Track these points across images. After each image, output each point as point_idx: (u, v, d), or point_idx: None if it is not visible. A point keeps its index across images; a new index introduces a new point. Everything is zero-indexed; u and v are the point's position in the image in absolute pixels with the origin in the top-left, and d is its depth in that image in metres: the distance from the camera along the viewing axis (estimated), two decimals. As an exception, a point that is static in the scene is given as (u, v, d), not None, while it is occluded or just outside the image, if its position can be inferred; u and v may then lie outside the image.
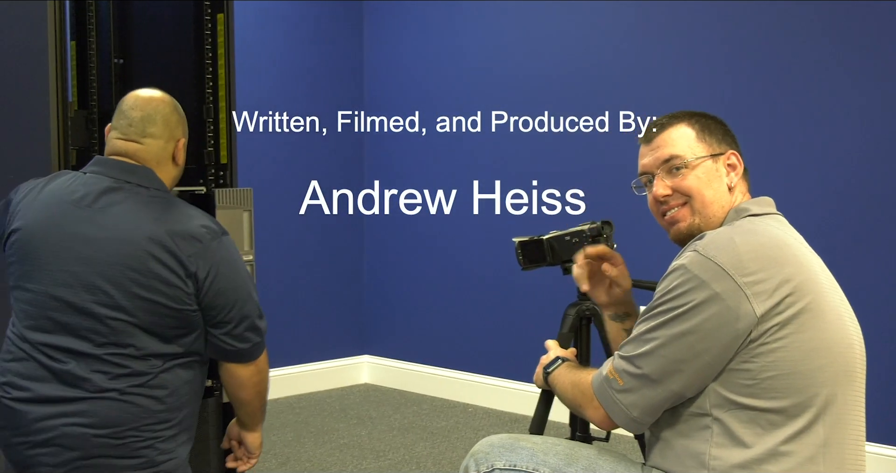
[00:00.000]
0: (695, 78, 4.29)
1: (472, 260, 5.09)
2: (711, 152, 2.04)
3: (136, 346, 2.34)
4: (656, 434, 1.96)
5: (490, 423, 4.70)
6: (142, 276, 2.31)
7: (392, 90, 5.46)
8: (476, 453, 2.11)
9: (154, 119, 2.51)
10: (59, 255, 2.36)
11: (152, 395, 2.34)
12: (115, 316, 2.32)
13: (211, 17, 3.37)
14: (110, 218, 2.37)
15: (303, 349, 5.38)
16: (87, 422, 2.31)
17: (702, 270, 1.82)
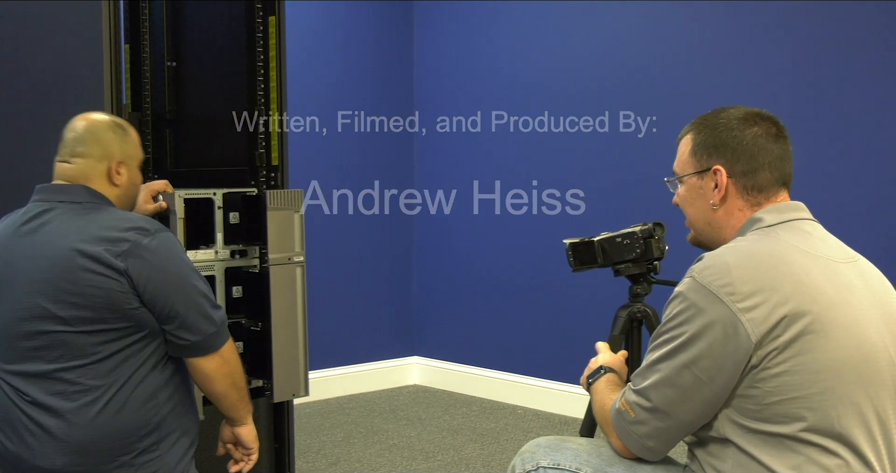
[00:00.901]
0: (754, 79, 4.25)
1: (523, 261, 5.07)
2: (697, 168, 2.00)
3: (86, 354, 2.31)
4: (690, 449, 1.95)
5: (539, 425, 4.68)
6: (75, 286, 2.29)
7: (442, 91, 5.46)
8: (523, 453, 2.13)
9: (85, 139, 2.49)
10: (6, 285, 2.38)
11: (116, 409, 2.31)
12: (57, 329, 2.31)
13: (262, 19, 3.39)
14: (40, 237, 2.37)
15: (353, 350, 5.39)
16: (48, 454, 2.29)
17: (698, 297, 1.80)
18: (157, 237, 2.37)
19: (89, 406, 2.30)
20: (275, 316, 3.22)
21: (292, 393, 3.31)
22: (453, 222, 5.43)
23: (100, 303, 2.30)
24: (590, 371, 2.26)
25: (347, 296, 5.36)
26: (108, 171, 2.49)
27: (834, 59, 3.98)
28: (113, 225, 2.35)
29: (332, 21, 5.28)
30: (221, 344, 2.43)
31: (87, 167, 2.47)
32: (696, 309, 1.80)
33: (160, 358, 2.41)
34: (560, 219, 4.84)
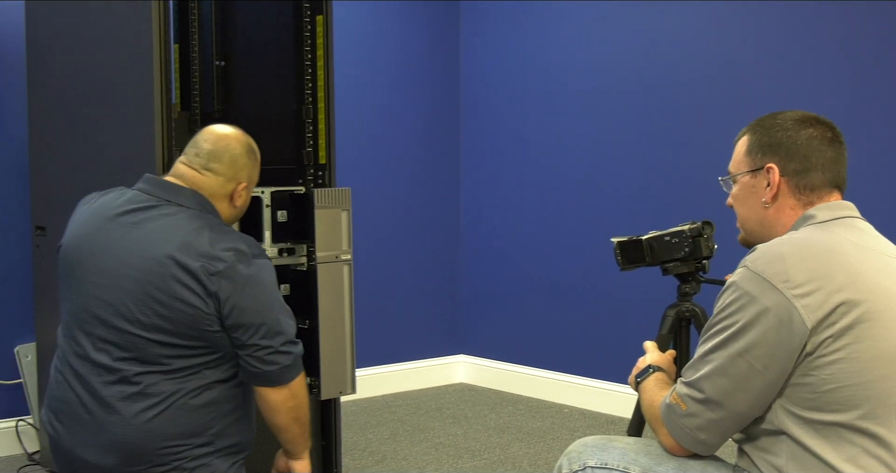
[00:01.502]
0: (805, 84, 4.20)
1: (570, 259, 5.06)
2: (751, 167, 2.02)
3: (153, 362, 2.34)
4: (740, 446, 1.94)
5: (586, 424, 4.67)
6: (162, 295, 2.31)
7: (489, 91, 5.46)
8: (570, 452, 2.13)
9: (221, 156, 2.51)
10: (90, 269, 2.40)
11: (165, 418, 2.33)
12: (132, 331, 2.33)
13: (310, 18, 3.41)
14: (141, 233, 2.38)
15: (399, 348, 5.40)
16: (100, 450, 2.33)
17: (751, 286, 1.80)
18: (254, 264, 2.39)
19: (148, 410, 2.31)
20: (322, 314, 3.24)
21: (339, 391, 3.33)
22: (500, 221, 5.42)
23: (181, 318, 2.31)
24: (638, 370, 2.25)
25: (394, 295, 5.37)
26: (232, 192, 2.53)
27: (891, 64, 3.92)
28: (215, 241, 2.36)
29: (379, 22, 5.29)
30: (292, 379, 2.44)
31: (216, 184, 2.50)
32: (750, 297, 1.80)
33: (230, 377, 2.43)
34: (607, 218, 4.82)
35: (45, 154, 3.83)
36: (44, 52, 3.80)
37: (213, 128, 2.59)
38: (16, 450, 4.13)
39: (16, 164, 4.14)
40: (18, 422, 4.15)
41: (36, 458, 4.03)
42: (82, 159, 3.60)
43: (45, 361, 3.89)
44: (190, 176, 2.49)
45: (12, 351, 4.15)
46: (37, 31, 3.83)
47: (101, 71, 3.46)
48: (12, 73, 4.14)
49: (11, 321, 4.17)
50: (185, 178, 2.49)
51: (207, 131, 2.57)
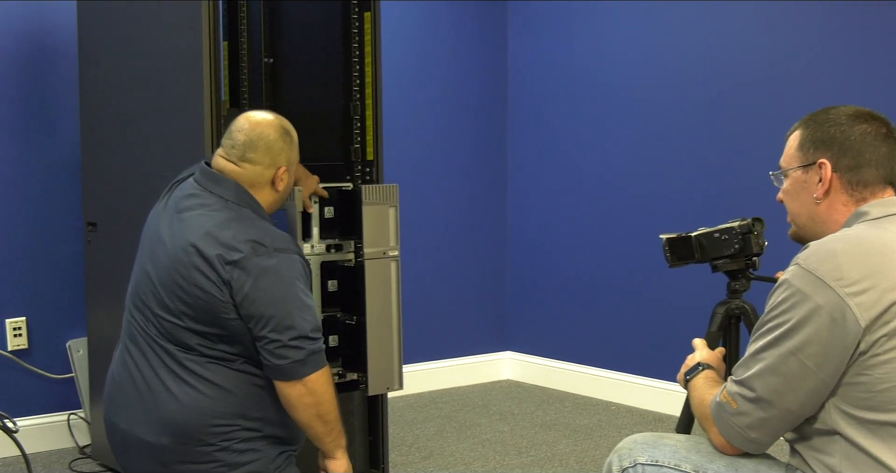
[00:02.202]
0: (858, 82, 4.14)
1: (617, 256, 5.03)
2: (803, 162, 1.99)
3: (190, 347, 2.39)
4: (792, 445, 1.92)
5: (633, 422, 4.64)
6: (184, 281, 2.37)
7: (536, 89, 5.44)
8: (620, 449, 2.12)
9: (256, 145, 2.53)
10: (146, 256, 2.50)
11: (212, 396, 2.37)
12: (166, 317, 2.41)
13: (358, 15, 3.42)
14: (180, 223, 2.45)
15: (445, 344, 5.40)
16: (157, 429, 2.38)
17: (804, 283, 1.78)
18: (273, 256, 2.39)
19: (194, 391, 2.35)
20: (369, 310, 3.25)
21: (386, 387, 3.33)
22: (547, 217, 5.40)
23: (200, 305, 2.35)
24: (687, 367, 2.23)
25: (441, 291, 5.37)
26: (273, 178, 2.55)
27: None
28: (238, 232, 2.39)
29: (426, 21, 5.28)
30: (305, 374, 2.41)
31: (255, 174, 2.53)
32: (802, 295, 1.78)
33: (253, 361, 2.45)
34: (655, 214, 4.79)
35: (96, 151, 3.88)
36: (95, 51, 3.84)
37: (247, 116, 2.61)
38: (68, 444, 4.19)
39: (68, 162, 4.19)
40: (70, 416, 4.21)
41: (87, 452, 4.09)
42: (132, 156, 3.64)
43: (96, 356, 3.94)
44: (229, 169, 2.52)
45: (64, 346, 4.21)
46: (88, 30, 3.88)
47: (152, 69, 3.50)
48: (65, 71, 4.19)
49: (63, 316, 4.22)
50: (225, 171, 2.52)
51: (241, 120, 2.59)
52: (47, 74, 4.20)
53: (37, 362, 4.18)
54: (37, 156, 4.17)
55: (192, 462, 2.36)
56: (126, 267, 3.65)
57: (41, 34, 4.18)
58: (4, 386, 4.03)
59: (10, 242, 4.10)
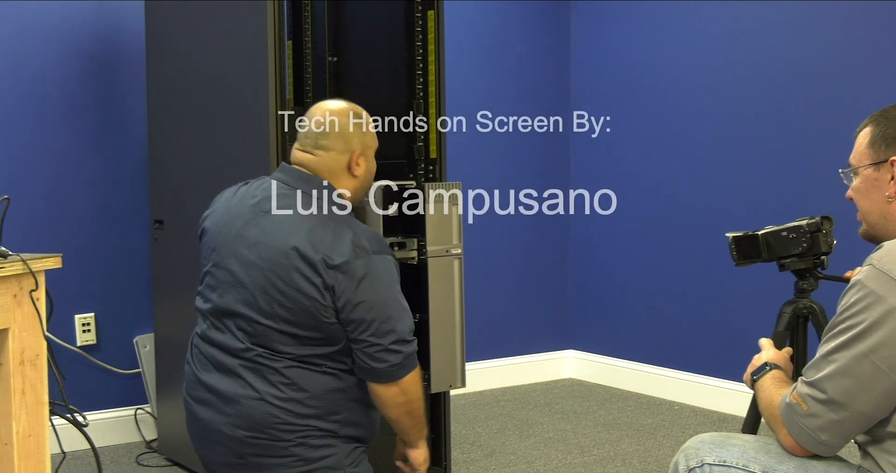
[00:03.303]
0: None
1: (681, 254, 4.98)
2: (874, 160, 1.96)
3: (276, 350, 2.39)
4: (864, 448, 1.89)
5: (698, 422, 4.60)
6: (284, 285, 2.36)
7: (599, 90, 5.41)
8: (686, 449, 2.10)
9: (328, 131, 2.53)
10: (226, 255, 2.47)
11: (292, 398, 2.37)
12: (256, 318, 2.40)
13: (422, 14, 3.43)
14: (270, 223, 2.43)
15: (508, 342, 5.40)
16: (235, 423, 2.40)
17: (878, 285, 1.75)
18: (373, 260, 2.39)
19: (278, 391, 2.37)
20: (433, 308, 3.25)
21: (449, 384, 3.34)
22: (611, 216, 5.37)
23: (300, 308, 2.36)
24: (754, 367, 2.20)
25: (503, 289, 5.36)
26: (348, 164, 2.55)
27: None
28: (338, 235, 2.39)
29: (489, 20, 5.28)
30: (401, 377, 2.43)
31: (330, 160, 2.52)
32: (876, 296, 1.75)
33: (343, 365, 2.46)
34: (720, 213, 4.74)
35: (163, 150, 3.93)
36: (162, 50, 3.90)
37: (318, 106, 2.62)
38: (135, 438, 4.26)
39: (136, 160, 4.26)
40: (137, 411, 4.27)
41: (154, 446, 4.15)
42: (199, 155, 3.68)
43: (162, 351, 4.00)
44: (307, 160, 2.53)
45: (132, 342, 4.27)
46: (156, 30, 3.93)
47: (218, 68, 3.54)
48: (133, 71, 4.25)
49: (131, 312, 4.29)
50: (304, 164, 2.53)
51: (312, 110, 2.60)
52: (116, 74, 4.27)
53: (105, 357, 4.25)
54: (106, 155, 4.24)
55: (269, 455, 2.38)
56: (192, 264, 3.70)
57: (110, 34, 4.24)
58: (74, 380, 4.11)
59: (80, 239, 4.18)
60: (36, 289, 2.30)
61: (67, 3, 4.13)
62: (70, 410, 2.55)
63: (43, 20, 4.09)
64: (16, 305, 2.27)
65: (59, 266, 2.36)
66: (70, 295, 4.07)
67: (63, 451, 2.82)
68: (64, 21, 4.13)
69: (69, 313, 4.14)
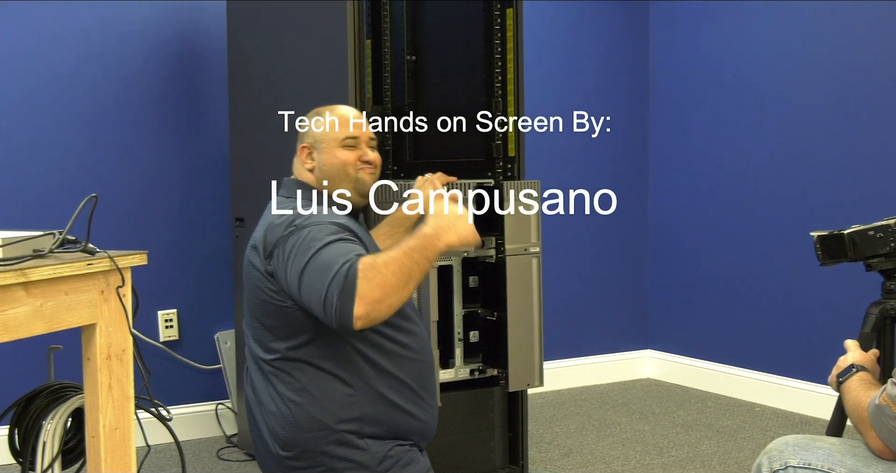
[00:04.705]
0: None
1: (763, 253, 4.91)
2: None
3: (270, 349, 2.39)
4: None
5: (779, 424, 4.52)
6: (248, 277, 2.43)
7: (678, 87, 5.35)
8: (770, 451, 2.07)
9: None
10: None
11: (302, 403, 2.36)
12: (248, 320, 2.46)
13: (500, 12, 3.42)
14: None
15: (586, 342, 5.37)
16: (263, 436, 2.44)
17: None
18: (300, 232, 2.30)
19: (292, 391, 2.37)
20: (511, 307, 3.25)
21: (527, 383, 3.33)
22: (689, 214, 5.31)
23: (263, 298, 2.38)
24: (839, 369, 2.16)
25: (582, 288, 5.34)
26: (303, 161, 2.63)
27: None
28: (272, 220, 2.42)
29: (567, 20, 5.25)
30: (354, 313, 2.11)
31: (295, 160, 2.66)
32: None
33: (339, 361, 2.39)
34: (802, 211, 4.66)
35: (243, 148, 3.98)
36: (243, 49, 3.94)
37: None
38: (215, 432, 4.32)
39: (217, 159, 4.32)
40: (218, 406, 4.33)
41: (234, 440, 4.20)
42: (279, 153, 3.71)
43: (242, 348, 4.04)
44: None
45: (213, 338, 4.34)
46: (237, 29, 3.98)
47: (298, 67, 3.57)
48: (215, 70, 4.31)
49: (212, 309, 4.35)
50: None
51: None
52: (198, 73, 4.34)
53: (187, 353, 4.32)
54: (188, 153, 4.31)
55: (301, 467, 2.40)
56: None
57: (193, 34, 4.31)
58: (157, 375, 4.17)
59: (163, 237, 4.25)
60: (122, 286, 2.34)
61: (151, 4, 4.20)
62: (155, 404, 2.59)
63: (128, 20, 4.17)
64: (103, 301, 2.31)
65: (144, 263, 2.40)
66: (153, 292, 4.14)
67: (148, 445, 2.86)
68: (148, 21, 4.21)
69: (152, 309, 4.22)
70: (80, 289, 2.25)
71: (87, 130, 4.12)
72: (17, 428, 2.61)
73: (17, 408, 2.63)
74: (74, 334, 2.34)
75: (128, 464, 2.40)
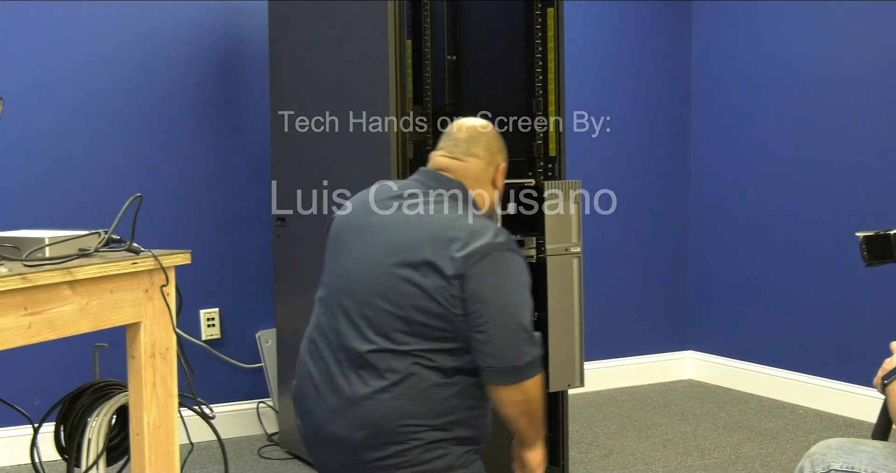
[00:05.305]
0: None
1: (807, 253, 4.86)
2: None
3: (400, 344, 2.36)
4: None
5: (822, 426, 4.48)
6: (414, 273, 2.34)
7: (720, 87, 5.31)
8: (812, 454, 2.04)
9: (478, 141, 2.59)
10: (350, 247, 2.48)
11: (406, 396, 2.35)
12: (384, 308, 2.37)
13: (541, 11, 3.42)
14: (403, 218, 2.44)
15: (627, 342, 5.35)
16: (347, 424, 2.38)
17: None
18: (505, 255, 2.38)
19: (391, 388, 2.36)
20: (551, 307, 3.24)
21: (567, 384, 3.33)
22: (732, 214, 5.28)
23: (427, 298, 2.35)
24: (885, 371, 2.13)
25: (623, 288, 5.31)
26: (493, 176, 2.61)
27: None
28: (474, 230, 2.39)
29: (609, 19, 5.23)
30: (522, 379, 2.38)
31: (478, 168, 2.58)
32: None
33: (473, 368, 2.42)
34: (846, 212, 4.61)
35: (285, 148, 4.00)
36: (285, 49, 3.97)
37: (462, 121, 2.67)
38: (257, 431, 4.35)
39: (259, 159, 4.34)
40: (259, 404, 4.36)
41: (275, 439, 4.23)
42: (319, 153, 3.74)
43: (284, 346, 4.07)
44: (456, 166, 2.56)
45: (254, 337, 4.36)
46: (278, 30, 4.00)
47: (339, 67, 3.58)
48: (256, 71, 4.34)
49: (254, 308, 4.38)
50: (449, 168, 2.56)
51: (457, 124, 2.66)
52: (240, 74, 4.37)
53: (228, 351, 4.35)
54: (230, 153, 4.34)
55: (381, 457, 2.39)
56: (313, 261, 3.76)
57: (234, 34, 4.34)
58: (199, 373, 4.21)
59: (205, 236, 4.28)
60: (166, 285, 2.36)
61: (193, 4, 4.24)
62: (198, 402, 2.61)
63: (170, 21, 4.21)
64: (147, 300, 2.33)
65: (188, 262, 2.42)
66: (195, 291, 4.17)
67: (191, 442, 2.89)
68: (190, 22, 4.24)
69: (195, 308, 4.25)
70: (126, 288, 2.27)
71: (131, 132, 4.16)
72: (63, 425, 2.65)
73: (64, 405, 2.66)
74: (119, 332, 2.36)
75: (171, 462, 2.42)
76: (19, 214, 3.90)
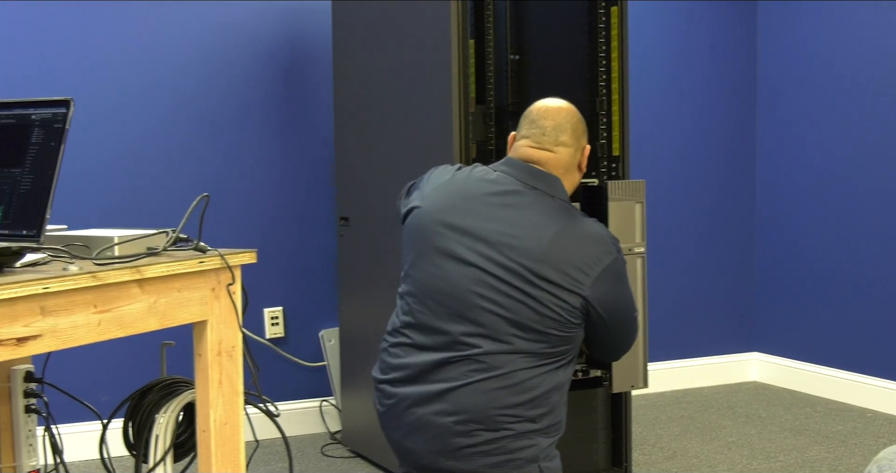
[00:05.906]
0: None
1: (875, 253, 4.78)
2: None
3: (502, 341, 2.37)
4: None
5: (892, 430, 4.40)
6: (536, 278, 2.36)
7: (786, 86, 5.24)
8: (880, 459, 2.00)
9: (565, 128, 2.56)
10: (455, 242, 2.45)
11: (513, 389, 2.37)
12: (492, 309, 2.38)
13: (605, 10, 3.40)
14: (513, 219, 2.44)
15: (690, 343, 5.30)
16: (446, 410, 2.39)
17: None
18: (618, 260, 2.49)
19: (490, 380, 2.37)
20: (615, 307, 3.21)
21: (631, 385, 3.30)
22: (798, 214, 5.20)
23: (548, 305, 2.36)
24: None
25: (687, 289, 5.26)
26: (579, 161, 2.62)
27: None
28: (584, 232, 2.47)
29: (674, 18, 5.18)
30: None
31: (568, 156, 2.57)
32: None
33: (569, 362, 2.48)
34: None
35: (348, 148, 4.02)
36: (348, 50, 3.99)
37: (543, 104, 2.63)
38: (320, 429, 4.38)
39: (323, 159, 4.37)
40: (322, 403, 4.39)
41: (338, 437, 4.25)
42: (383, 153, 3.75)
43: (347, 345, 4.09)
44: (546, 158, 2.55)
45: (317, 336, 4.39)
46: (342, 30, 4.02)
47: (402, 67, 3.59)
48: (320, 71, 4.37)
49: (317, 307, 4.41)
50: (540, 161, 2.55)
51: (541, 109, 2.61)
52: (304, 74, 4.40)
53: (292, 350, 4.38)
54: (294, 153, 4.38)
55: (472, 444, 2.39)
56: (377, 260, 3.77)
57: (299, 35, 4.38)
58: (263, 371, 4.25)
59: (269, 236, 4.32)
60: (232, 283, 2.38)
61: (258, 4, 4.28)
62: (263, 400, 2.63)
63: (235, 21, 4.25)
64: (214, 298, 2.35)
65: (254, 261, 2.44)
66: (259, 289, 4.21)
67: (256, 439, 2.91)
68: (255, 22, 4.29)
69: (259, 307, 4.29)
70: (192, 287, 2.29)
71: (198, 132, 4.21)
72: (132, 422, 2.68)
73: (132, 402, 2.70)
74: (186, 330, 2.39)
75: (237, 458, 2.44)
76: (90, 213, 3.97)
